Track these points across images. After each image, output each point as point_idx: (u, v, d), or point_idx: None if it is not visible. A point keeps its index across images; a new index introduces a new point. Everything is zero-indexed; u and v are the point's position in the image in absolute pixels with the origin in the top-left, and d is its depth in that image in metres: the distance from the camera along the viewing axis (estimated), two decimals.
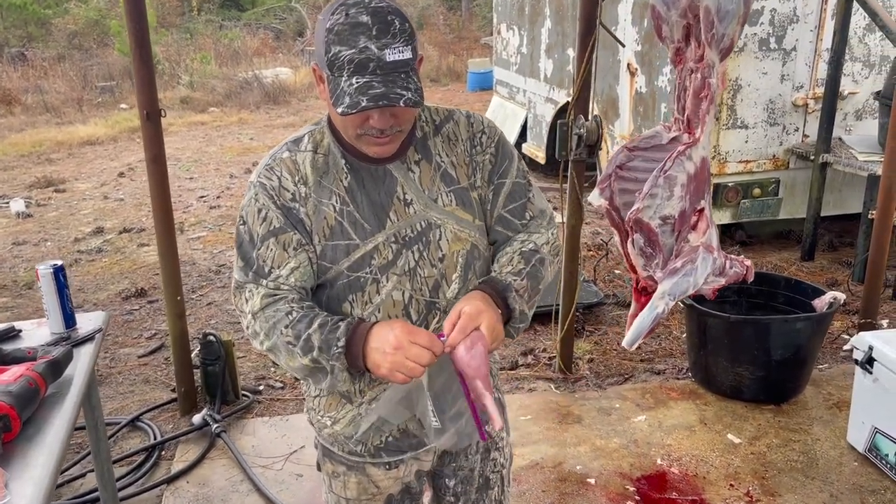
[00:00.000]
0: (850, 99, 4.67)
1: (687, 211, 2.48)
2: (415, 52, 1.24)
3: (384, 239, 1.36)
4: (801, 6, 4.42)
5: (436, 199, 1.40)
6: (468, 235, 1.42)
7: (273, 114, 12.46)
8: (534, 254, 1.45)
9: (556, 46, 6.55)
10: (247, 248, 1.37)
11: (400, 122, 1.29)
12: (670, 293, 2.44)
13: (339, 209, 1.36)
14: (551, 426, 3.18)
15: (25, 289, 5.09)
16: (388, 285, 1.37)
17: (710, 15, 2.23)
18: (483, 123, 1.48)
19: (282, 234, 1.34)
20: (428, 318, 1.41)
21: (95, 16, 17.97)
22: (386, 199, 1.37)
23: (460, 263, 1.42)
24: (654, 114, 4.97)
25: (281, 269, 1.34)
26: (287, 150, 1.39)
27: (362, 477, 1.54)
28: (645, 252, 2.59)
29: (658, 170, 2.36)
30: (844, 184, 4.80)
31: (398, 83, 1.21)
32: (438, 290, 1.40)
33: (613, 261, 5.03)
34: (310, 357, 1.30)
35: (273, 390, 3.59)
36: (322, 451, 1.59)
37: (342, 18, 1.21)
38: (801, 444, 2.98)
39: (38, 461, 1.41)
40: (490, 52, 13.69)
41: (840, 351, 3.69)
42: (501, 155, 1.47)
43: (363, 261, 1.36)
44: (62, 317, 1.94)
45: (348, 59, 1.20)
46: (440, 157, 1.42)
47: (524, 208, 1.49)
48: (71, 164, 9.11)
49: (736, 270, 2.74)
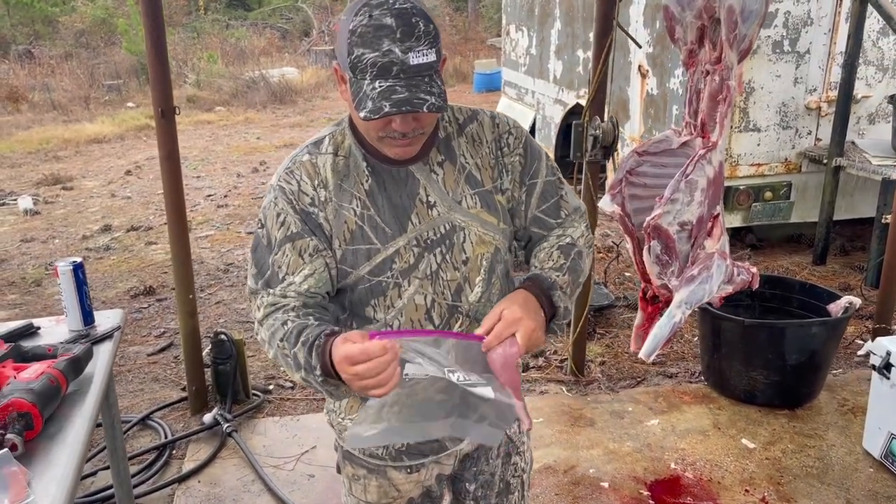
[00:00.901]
0: (864, 102, 4.64)
1: (704, 217, 2.46)
2: (438, 54, 1.22)
3: (405, 242, 1.35)
4: (816, 9, 4.40)
5: (460, 201, 1.38)
6: (492, 238, 1.41)
7: (279, 113, 12.47)
8: (571, 247, 1.44)
9: (565, 48, 6.54)
10: (262, 252, 1.35)
11: (422, 125, 1.28)
12: (687, 301, 2.41)
13: (359, 213, 1.34)
14: (564, 429, 3.16)
15: (34, 286, 5.08)
16: (409, 289, 1.36)
17: (733, 15, 2.20)
18: (509, 124, 1.46)
19: (298, 239, 1.33)
20: (450, 322, 1.39)
21: (103, 14, 18.00)
22: (408, 202, 1.35)
23: (484, 267, 1.40)
24: (665, 116, 4.95)
25: (295, 276, 1.33)
26: (307, 152, 1.37)
27: (383, 480, 1.52)
28: (661, 260, 2.55)
29: (680, 174, 2.33)
30: (857, 188, 4.78)
31: (422, 87, 1.19)
32: (461, 294, 1.39)
33: (624, 263, 5.01)
34: (300, 375, 1.29)
35: (283, 390, 3.58)
36: (342, 453, 1.57)
37: (365, 20, 1.18)
38: (817, 449, 2.96)
39: (60, 460, 1.40)
40: (497, 53, 13.69)
41: (854, 356, 3.67)
42: (530, 155, 1.45)
43: (384, 265, 1.34)
44: (81, 314, 1.93)
45: (371, 63, 1.18)
46: (464, 159, 1.40)
47: (558, 207, 1.48)
48: (78, 162, 9.12)
49: (743, 278, 2.71)
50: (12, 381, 1.51)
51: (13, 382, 1.50)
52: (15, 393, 1.45)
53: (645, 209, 2.60)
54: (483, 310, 1.40)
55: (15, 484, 1.28)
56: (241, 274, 5.20)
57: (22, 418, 1.42)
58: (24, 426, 1.42)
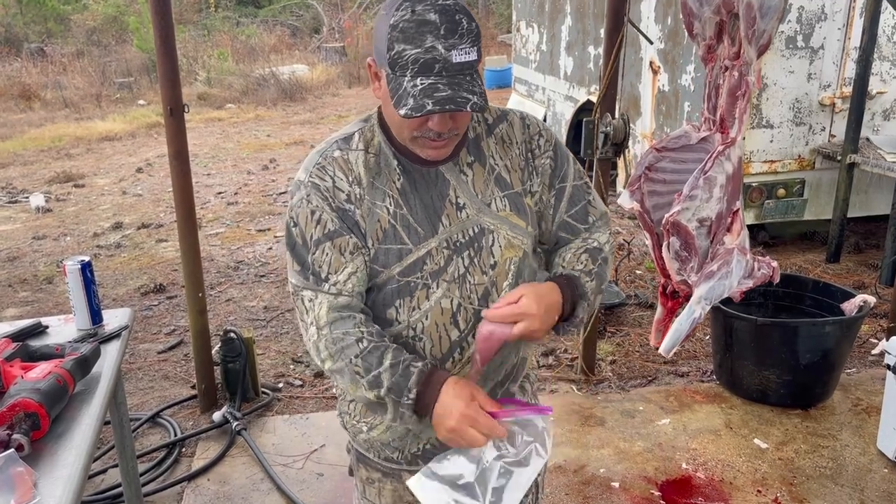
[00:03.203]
0: (878, 98, 4.59)
1: (724, 212, 2.44)
2: (479, 53, 1.20)
3: (437, 244, 1.32)
4: (830, 4, 4.35)
5: (489, 203, 1.35)
6: (521, 242, 1.38)
7: (290, 110, 12.47)
8: (598, 252, 1.43)
9: (576, 44, 6.50)
10: (300, 251, 1.31)
11: (458, 126, 1.25)
12: (706, 297, 2.40)
13: (392, 212, 1.31)
14: (574, 428, 3.14)
15: (45, 283, 5.11)
16: (437, 292, 1.32)
17: (752, 10, 2.17)
18: (539, 126, 1.43)
19: (338, 237, 1.29)
20: (475, 327, 1.36)
21: (114, 12, 18.09)
22: (438, 203, 1.33)
23: (512, 271, 1.37)
24: (677, 112, 4.91)
25: (338, 275, 1.29)
26: (338, 148, 1.33)
27: (398, 484, 1.50)
28: (680, 256, 2.54)
29: (699, 171, 2.32)
30: (871, 185, 4.72)
31: (464, 86, 1.16)
32: (488, 299, 1.35)
33: (634, 261, 4.98)
34: (375, 394, 1.26)
35: (293, 388, 3.58)
36: (356, 456, 1.55)
37: (408, 15, 1.15)
38: (830, 449, 2.93)
39: (67, 460, 1.40)
40: (507, 49, 13.64)
41: (868, 355, 3.63)
42: (560, 158, 1.43)
43: (415, 266, 1.31)
44: (89, 313, 1.93)
45: (413, 59, 1.15)
46: (493, 160, 1.37)
47: (586, 212, 1.46)
48: (90, 160, 9.16)
49: (763, 272, 2.69)
50: (20, 380, 1.51)
51: (20, 382, 1.50)
52: (22, 393, 1.45)
53: (664, 205, 2.58)
54: None
55: (21, 485, 1.28)
56: (252, 272, 5.20)
57: (29, 418, 1.42)
58: (30, 426, 1.41)
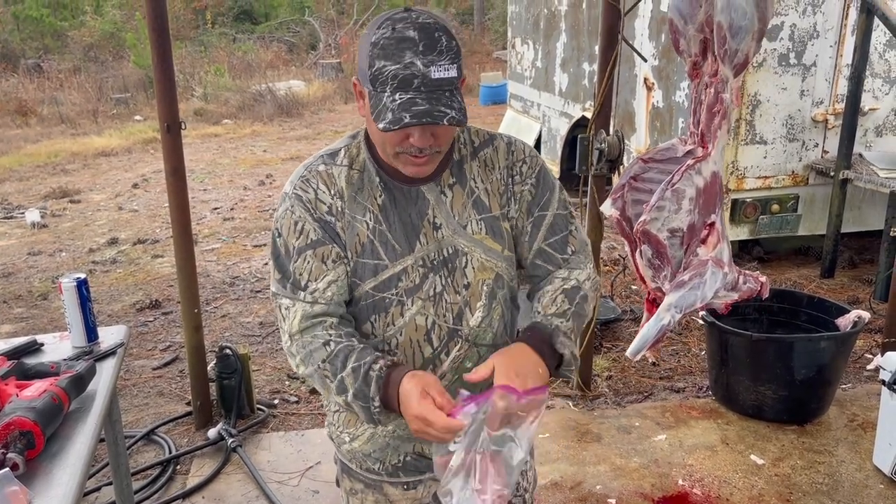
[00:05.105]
0: (871, 115, 4.62)
1: (696, 224, 2.48)
2: (460, 71, 1.22)
3: (413, 262, 1.34)
4: (822, 22, 4.40)
5: (465, 225, 1.37)
6: (494, 265, 1.40)
7: (286, 126, 12.51)
8: (577, 291, 1.41)
9: (571, 61, 6.54)
10: (283, 260, 1.34)
11: (439, 143, 1.27)
12: (676, 305, 2.43)
13: (371, 227, 1.34)
14: (570, 444, 3.13)
15: (40, 299, 5.09)
16: (412, 309, 1.35)
17: (722, 31, 2.22)
18: (524, 152, 1.44)
19: (320, 246, 1.32)
20: (449, 346, 1.38)
21: (111, 28, 18.17)
22: (417, 221, 1.35)
23: (485, 293, 1.39)
24: (671, 129, 4.94)
25: (318, 283, 1.32)
26: (323, 162, 1.37)
27: (380, 496, 1.51)
28: (653, 264, 2.59)
29: (665, 182, 2.37)
30: (864, 200, 4.75)
31: (442, 101, 1.19)
32: (462, 318, 1.38)
33: (630, 276, 4.98)
34: (343, 399, 1.29)
35: (288, 404, 3.57)
36: (341, 467, 1.57)
37: (388, 33, 1.19)
38: (826, 465, 2.93)
39: (62, 479, 1.39)
40: (503, 66, 13.73)
41: (863, 371, 3.64)
42: (542, 186, 1.44)
43: (389, 282, 1.34)
44: (84, 330, 1.93)
45: (392, 75, 1.18)
46: (474, 183, 1.39)
47: (566, 242, 1.46)
48: (86, 175, 9.17)
49: (750, 286, 2.71)
50: (14, 399, 1.50)
51: (15, 400, 1.49)
52: (17, 411, 1.44)
53: None
54: (483, 335, 1.40)
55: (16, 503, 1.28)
56: (247, 287, 5.20)
57: (24, 437, 1.41)
58: (25, 445, 1.41)
